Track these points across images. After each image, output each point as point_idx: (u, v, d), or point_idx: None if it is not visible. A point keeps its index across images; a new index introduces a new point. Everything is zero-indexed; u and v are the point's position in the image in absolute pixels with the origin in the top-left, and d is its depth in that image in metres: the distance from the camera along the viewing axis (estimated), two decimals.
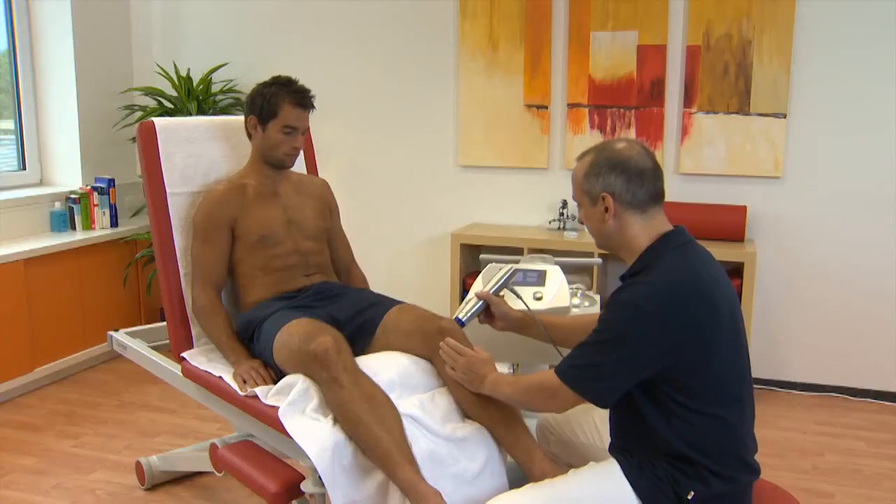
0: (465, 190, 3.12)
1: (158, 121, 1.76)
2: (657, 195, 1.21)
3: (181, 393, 1.82)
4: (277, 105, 1.65)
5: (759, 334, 2.78)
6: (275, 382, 1.49)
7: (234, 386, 1.51)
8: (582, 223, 1.30)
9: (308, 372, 1.39)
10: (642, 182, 1.19)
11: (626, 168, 1.19)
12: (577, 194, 1.26)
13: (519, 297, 1.52)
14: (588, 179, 1.22)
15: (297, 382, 1.39)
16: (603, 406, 1.17)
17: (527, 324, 1.49)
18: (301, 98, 1.67)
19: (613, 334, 1.13)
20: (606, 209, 1.21)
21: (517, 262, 1.86)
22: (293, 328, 1.45)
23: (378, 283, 2.28)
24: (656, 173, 1.21)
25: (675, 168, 2.82)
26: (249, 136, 1.73)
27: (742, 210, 2.65)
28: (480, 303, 1.49)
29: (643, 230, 1.20)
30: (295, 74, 1.73)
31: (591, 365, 1.15)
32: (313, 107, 1.70)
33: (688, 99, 2.73)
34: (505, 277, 1.54)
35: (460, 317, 1.50)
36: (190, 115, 3.02)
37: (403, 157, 3.19)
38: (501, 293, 1.54)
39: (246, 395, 1.47)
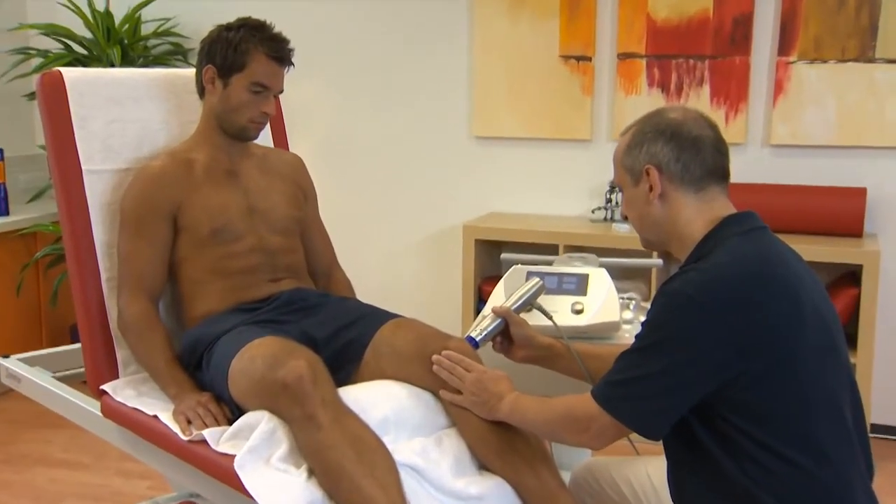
0: (481, 169, 3.16)
1: (68, 72, 1.77)
2: (717, 171, 1.26)
3: (98, 440, 1.83)
4: (246, 54, 1.67)
5: (885, 362, 2.76)
6: (230, 423, 1.52)
7: (175, 428, 1.54)
8: (625, 218, 1.34)
9: (275, 408, 1.42)
10: (697, 151, 1.24)
11: (677, 134, 1.25)
12: (619, 175, 1.31)
13: (548, 316, 1.56)
14: (630, 152, 1.28)
15: (259, 422, 1.42)
16: (651, 437, 1.20)
17: (557, 353, 1.53)
18: (278, 49, 1.70)
19: (658, 336, 1.17)
20: (651, 187, 1.26)
21: (550, 263, 1.91)
22: (255, 350, 1.48)
23: (368, 290, 2.31)
24: (717, 145, 1.26)
25: (764, 138, 2.84)
26: (202, 93, 1.77)
27: (860, 194, 2.65)
28: (498, 321, 1.54)
29: (698, 214, 1.25)
30: (255, 15, 1.77)
31: (632, 380, 1.18)
32: (291, 63, 1.73)
33: (785, 43, 2.74)
34: (531, 293, 1.58)
35: (474, 336, 1.54)
36: (112, 65, 3.02)
37: (401, 127, 3.24)
38: (528, 309, 1.58)
39: (190, 440, 1.50)
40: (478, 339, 1.54)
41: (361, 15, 3.19)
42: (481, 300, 2.92)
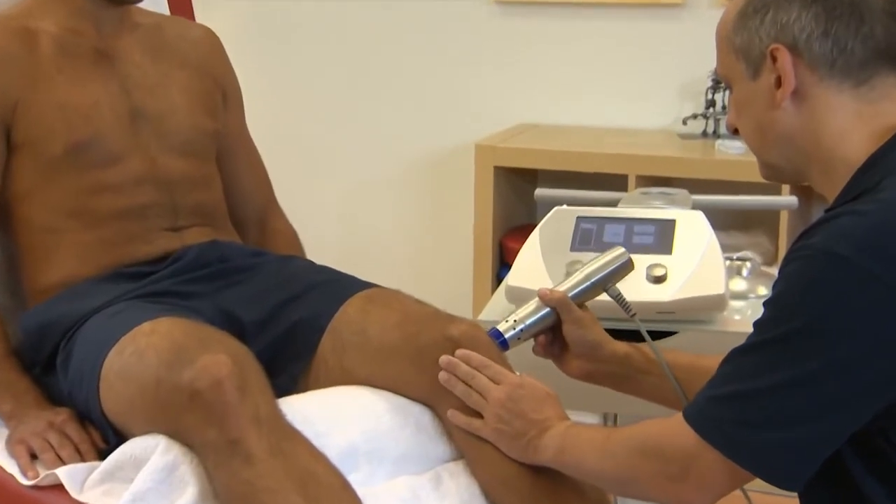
0: (505, 55, 3.14)
1: None
2: (893, 51, 1.23)
3: None
4: None
5: None
6: (101, 456, 1.51)
7: (11, 466, 1.53)
8: (735, 131, 1.33)
9: (177, 430, 1.42)
10: (859, 19, 1.21)
11: None
12: (726, 62, 1.30)
13: (626, 309, 1.55)
14: (745, 25, 1.26)
15: (151, 454, 1.42)
16: (786, 485, 1.19)
17: (637, 367, 1.54)
18: None
19: (791, 325, 1.15)
20: (778, 80, 1.24)
21: (615, 204, 1.90)
22: (145, 339, 1.48)
23: (325, 245, 2.28)
24: (893, 8, 1.23)
25: None
26: None
27: None
28: (545, 311, 1.54)
29: (858, 122, 1.23)
30: None
31: (749, 394, 1.17)
32: None
33: None
34: (608, 271, 1.55)
35: (502, 329, 1.54)
36: None
37: None
38: (595, 294, 1.56)
39: (36, 485, 1.49)
40: (507, 335, 1.53)
41: None
42: (504, 263, 2.92)
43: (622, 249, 1.57)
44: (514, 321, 1.53)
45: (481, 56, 3.15)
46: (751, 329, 1.23)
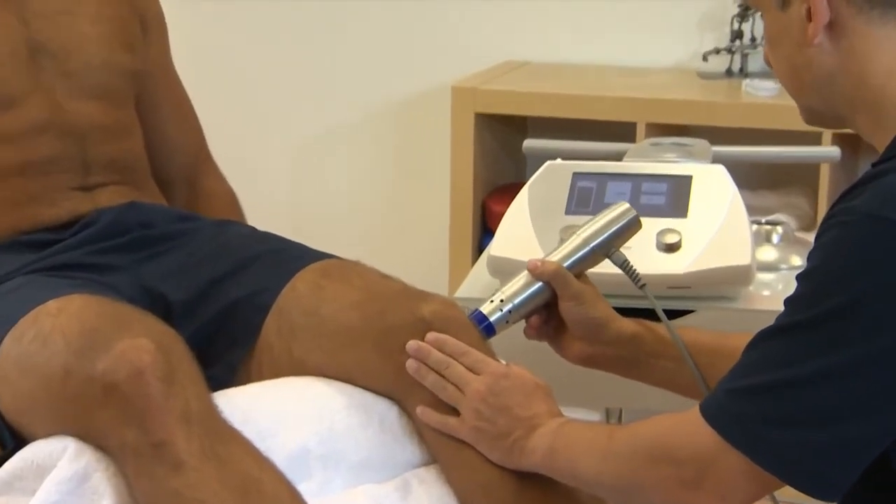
0: None
1: None
2: None
3: None
4: None
5: None
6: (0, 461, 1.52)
7: None
8: (770, 66, 1.35)
9: (89, 430, 1.43)
10: None
11: None
12: None
13: (635, 279, 1.56)
14: None
15: (57, 460, 1.42)
16: (822, 494, 1.20)
17: (647, 349, 1.57)
18: None
19: (830, 303, 1.16)
20: (810, 13, 1.24)
21: (620, 157, 1.91)
22: (50, 321, 1.48)
23: (271, 208, 2.26)
24: None
25: None
26: None
27: None
28: (537, 286, 1.56)
29: None
30: None
31: (778, 386, 1.19)
32: None
33: None
34: (611, 232, 1.57)
35: (486, 311, 1.55)
36: None
37: None
38: (596, 262, 1.57)
39: None
40: (493, 318, 1.55)
41: None
42: (486, 230, 2.94)
43: (626, 205, 1.58)
44: (501, 301, 1.54)
45: None
46: (781, 307, 1.24)
